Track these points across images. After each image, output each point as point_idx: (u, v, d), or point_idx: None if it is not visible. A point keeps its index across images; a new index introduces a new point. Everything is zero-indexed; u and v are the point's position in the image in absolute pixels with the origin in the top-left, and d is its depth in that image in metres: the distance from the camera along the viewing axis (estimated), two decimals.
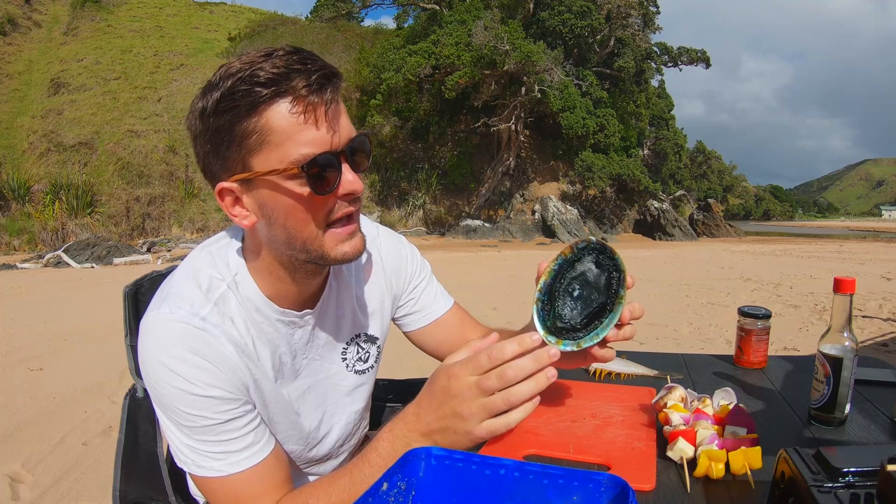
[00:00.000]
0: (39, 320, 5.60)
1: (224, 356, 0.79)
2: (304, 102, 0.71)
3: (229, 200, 0.78)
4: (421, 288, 1.10)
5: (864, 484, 0.60)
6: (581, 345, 0.84)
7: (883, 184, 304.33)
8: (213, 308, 0.80)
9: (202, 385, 0.76)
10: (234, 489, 0.79)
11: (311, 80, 0.71)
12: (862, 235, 33.16)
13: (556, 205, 21.56)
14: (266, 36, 26.96)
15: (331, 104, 0.73)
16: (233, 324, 0.81)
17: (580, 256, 0.91)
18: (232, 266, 0.84)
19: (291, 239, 0.77)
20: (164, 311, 0.78)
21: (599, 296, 0.88)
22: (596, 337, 0.84)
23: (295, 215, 0.75)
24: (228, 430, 0.78)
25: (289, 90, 0.70)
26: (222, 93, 0.71)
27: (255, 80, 0.70)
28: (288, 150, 0.71)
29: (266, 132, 0.71)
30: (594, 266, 0.90)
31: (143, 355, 0.78)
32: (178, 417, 0.77)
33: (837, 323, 0.95)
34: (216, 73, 0.74)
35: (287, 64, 0.71)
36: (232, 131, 0.72)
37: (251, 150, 0.72)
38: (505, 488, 0.64)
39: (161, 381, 0.76)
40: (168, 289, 0.82)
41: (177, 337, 0.76)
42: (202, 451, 0.78)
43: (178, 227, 18.15)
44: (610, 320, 0.85)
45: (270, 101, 0.70)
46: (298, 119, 0.71)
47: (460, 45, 19.28)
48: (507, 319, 5.50)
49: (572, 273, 0.91)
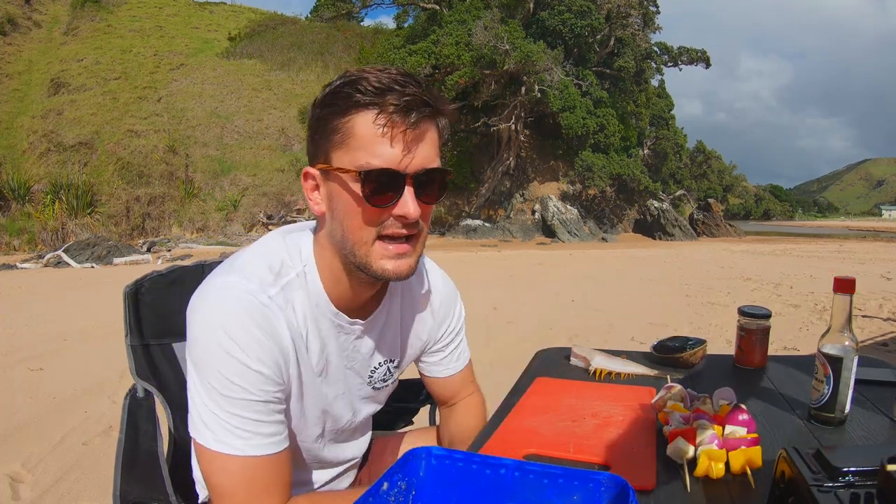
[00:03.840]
0: (39, 320, 5.60)
1: (280, 339, 0.81)
2: (388, 118, 0.75)
3: (311, 184, 0.84)
4: (452, 346, 1.12)
5: (864, 484, 0.60)
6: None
7: (883, 183, 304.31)
8: (280, 292, 0.82)
9: (254, 358, 0.77)
10: (249, 472, 0.78)
11: (401, 101, 0.75)
12: (862, 235, 33.17)
13: (556, 204, 21.57)
14: (266, 36, 26.98)
15: (413, 128, 0.76)
16: (294, 311, 0.84)
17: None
18: (304, 256, 0.87)
19: (345, 238, 0.81)
20: (234, 279, 0.80)
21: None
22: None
23: (350, 216, 0.80)
24: (262, 410, 0.79)
25: (379, 103, 0.75)
26: (331, 90, 0.79)
27: (357, 87, 0.76)
28: (359, 155, 0.76)
29: (349, 134, 0.77)
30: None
31: (201, 315, 0.78)
32: (218, 384, 0.76)
33: (837, 323, 0.95)
34: (340, 74, 0.81)
35: (390, 82, 0.76)
36: (325, 124, 0.79)
37: (334, 145, 0.79)
38: (505, 488, 0.64)
39: (214, 343, 0.76)
40: (238, 262, 0.84)
41: (243, 306, 0.78)
42: (229, 425, 0.77)
43: (178, 227, 18.15)
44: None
45: (361, 108, 0.76)
46: (377, 131, 0.75)
47: (460, 45, 19.29)
48: (507, 319, 5.50)
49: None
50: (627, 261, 12.53)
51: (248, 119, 21.99)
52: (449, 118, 0.82)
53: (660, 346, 1.34)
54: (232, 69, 24.09)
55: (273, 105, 22.90)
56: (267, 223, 19.04)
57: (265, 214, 19.17)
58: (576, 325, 5.23)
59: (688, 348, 1.29)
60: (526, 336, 4.81)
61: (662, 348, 1.33)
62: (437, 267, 1.09)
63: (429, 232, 0.87)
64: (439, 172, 0.81)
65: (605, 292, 7.23)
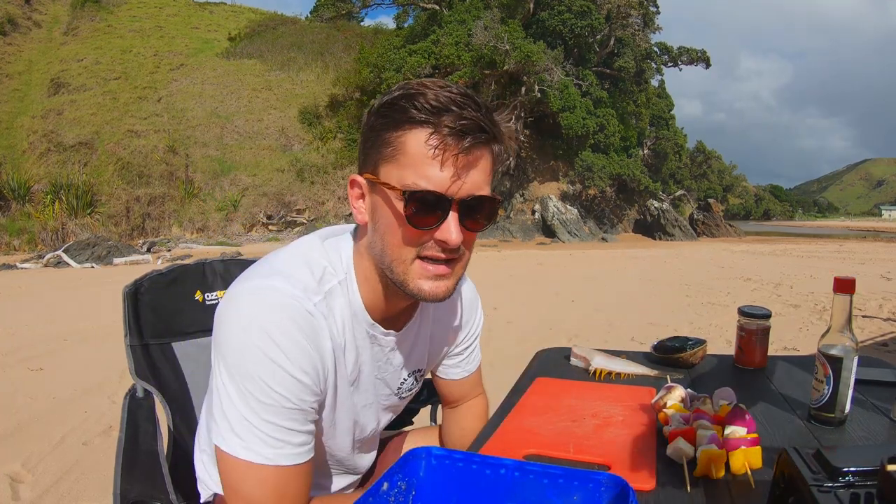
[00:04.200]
0: (39, 320, 5.60)
1: (323, 348, 0.79)
2: (441, 140, 0.73)
3: (356, 192, 0.82)
4: (469, 350, 1.11)
5: (864, 484, 0.60)
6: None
7: (883, 184, 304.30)
8: (323, 300, 0.80)
9: (296, 365, 0.75)
10: (279, 482, 0.75)
11: (457, 125, 0.73)
12: (862, 235, 33.16)
13: (556, 204, 21.57)
14: (266, 36, 26.97)
15: (466, 153, 0.74)
16: (335, 320, 0.82)
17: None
18: (344, 263, 0.85)
19: (384, 253, 0.80)
20: (277, 282, 0.77)
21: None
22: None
23: (392, 232, 0.78)
24: (298, 419, 0.76)
25: (435, 123, 0.73)
26: (388, 100, 0.76)
27: (414, 102, 0.73)
28: (408, 173, 0.74)
29: (400, 149, 0.75)
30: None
31: (239, 316, 0.75)
32: (254, 388, 0.73)
33: (837, 323, 0.95)
34: (399, 84, 0.79)
35: (448, 101, 0.73)
36: (378, 135, 0.77)
37: (384, 158, 0.76)
38: (505, 488, 0.64)
39: (254, 345, 0.73)
40: (276, 264, 0.82)
41: (289, 312, 0.75)
42: (261, 433, 0.73)
43: (178, 227, 18.15)
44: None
45: (416, 125, 0.74)
46: (429, 152, 0.73)
47: (460, 45, 19.30)
48: (507, 319, 5.50)
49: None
50: (627, 261, 12.53)
51: (248, 119, 21.98)
52: (507, 144, 0.80)
53: (660, 347, 1.34)
54: (232, 69, 24.08)
55: (273, 105, 22.90)
56: (267, 223, 19.04)
57: (265, 214, 19.17)
58: (576, 325, 5.23)
59: (688, 348, 1.29)
60: (526, 336, 4.81)
61: (662, 348, 1.33)
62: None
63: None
64: (488, 201, 0.78)
65: (605, 292, 7.23)
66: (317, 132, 21.94)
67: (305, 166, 20.63)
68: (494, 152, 0.79)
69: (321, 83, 24.09)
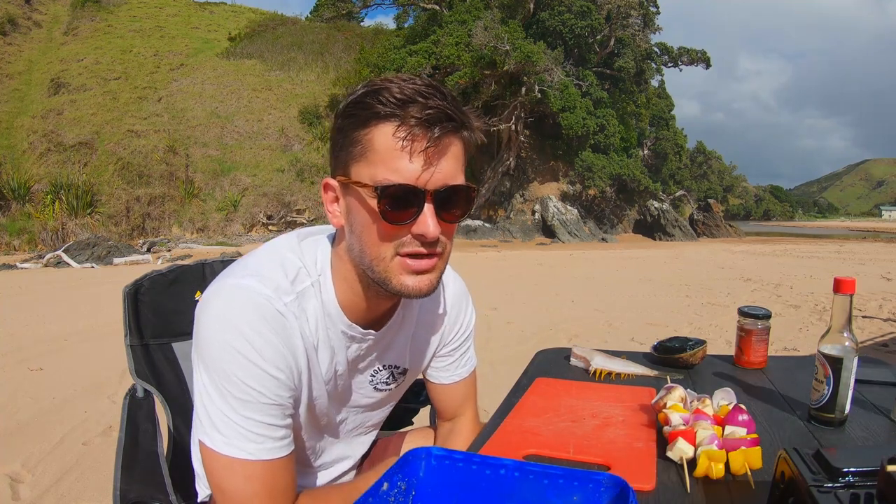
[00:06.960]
0: (39, 320, 5.59)
1: (294, 346, 0.80)
2: (408, 132, 0.72)
3: (330, 196, 0.82)
4: (461, 351, 1.09)
5: (864, 484, 0.60)
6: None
7: (883, 184, 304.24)
8: (295, 299, 0.81)
9: (269, 362, 0.76)
10: (263, 476, 0.76)
11: (423, 115, 0.72)
12: (862, 236, 33.17)
13: (557, 205, 21.57)
14: (266, 36, 26.97)
15: (435, 142, 0.73)
16: (307, 321, 0.83)
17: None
18: (319, 265, 0.85)
19: (363, 253, 0.79)
20: (250, 282, 0.78)
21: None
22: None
23: (368, 232, 0.77)
24: (276, 414, 0.78)
25: (401, 115, 0.72)
26: (353, 99, 0.76)
27: (379, 97, 0.72)
28: (378, 170, 0.73)
29: (368, 146, 0.74)
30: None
31: (214, 316, 0.76)
32: (232, 387, 0.75)
33: (837, 323, 0.95)
34: (364, 82, 0.78)
35: (413, 93, 0.72)
36: (346, 136, 0.76)
37: (354, 157, 0.76)
38: (505, 488, 0.64)
39: (228, 345, 0.75)
40: (251, 264, 0.82)
41: (260, 310, 0.76)
42: (242, 429, 0.75)
43: (178, 227, 18.15)
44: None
45: (382, 120, 0.73)
46: (397, 145, 0.72)
47: (460, 46, 19.30)
48: (507, 319, 5.50)
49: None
50: (627, 261, 12.53)
51: (248, 119, 21.98)
52: (476, 132, 0.78)
53: (660, 347, 1.34)
54: (232, 69, 24.08)
55: (273, 105, 22.89)
56: (267, 223, 19.04)
57: (265, 214, 19.17)
58: (576, 326, 5.23)
59: (688, 349, 1.29)
60: (526, 336, 4.80)
61: (662, 349, 1.33)
62: (450, 267, 1.06)
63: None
64: (463, 189, 0.77)
65: (605, 292, 7.23)
66: (317, 132, 21.93)
67: (305, 166, 20.63)
68: (465, 140, 0.77)
69: (321, 83, 24.09)
